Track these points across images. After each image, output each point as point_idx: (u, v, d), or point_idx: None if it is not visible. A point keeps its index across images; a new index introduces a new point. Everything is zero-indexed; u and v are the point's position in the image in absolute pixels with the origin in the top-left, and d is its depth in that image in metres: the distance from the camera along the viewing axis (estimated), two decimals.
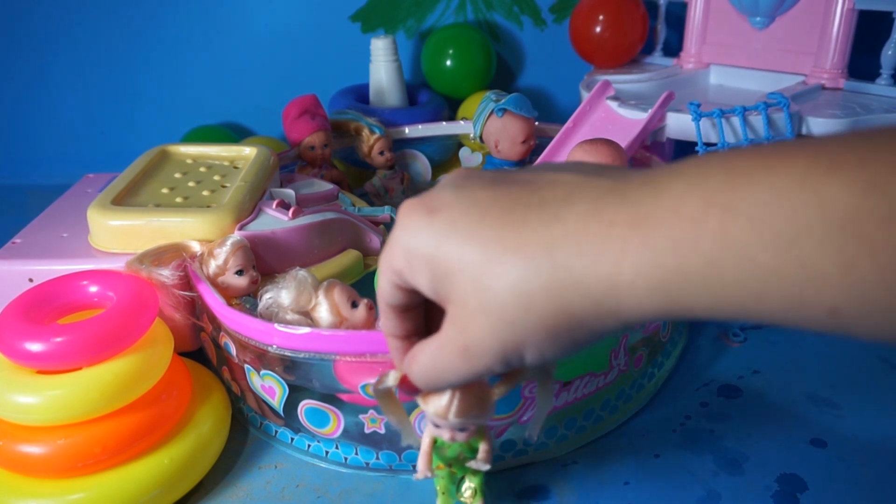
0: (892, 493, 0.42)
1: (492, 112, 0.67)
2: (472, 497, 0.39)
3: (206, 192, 0.56)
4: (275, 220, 0.53)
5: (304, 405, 0.45)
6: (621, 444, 0.47)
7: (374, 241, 0.59)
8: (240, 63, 0.97)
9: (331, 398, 0.44)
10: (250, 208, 0.54)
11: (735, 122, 0.62)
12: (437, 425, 0.34)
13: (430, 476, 0.37)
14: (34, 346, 0.40)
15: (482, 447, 0.36)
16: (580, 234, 0.23)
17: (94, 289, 0.46)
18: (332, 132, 0.73)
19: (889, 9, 0.67)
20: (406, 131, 0.78)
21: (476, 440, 0.36)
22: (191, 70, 0.97)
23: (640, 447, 0.47)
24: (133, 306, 0.43)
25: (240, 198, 0.53)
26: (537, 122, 0.70)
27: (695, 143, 0.63)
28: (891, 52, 0.69)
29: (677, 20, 0.86)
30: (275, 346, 0.42)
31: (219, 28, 0.95)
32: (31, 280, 0.51)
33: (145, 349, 0.43)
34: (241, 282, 0.48)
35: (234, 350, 0.46)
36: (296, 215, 0.54)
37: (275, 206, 0.54)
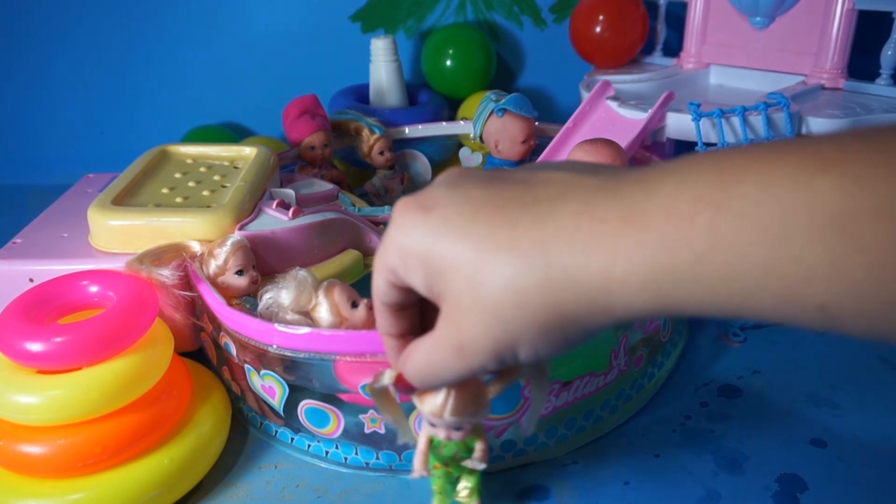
0: (892, 493, 0.42)
1: (492, 112, 0.67)
2: (468, 497, 0.39)
3: (206, 192, 0.56)
4: (275, 220, 0.53)
5: (304, 405, 0.45)
6: (621, 444, 0.47)
7: (374, 241, 0.59)
8: (240, 63, 0.97)
9: (331, 398, 0.44)
10: (250, 208, 0.54)
11: (735, 122, 0.62)
12: (432, 424, 0.34)
13: (427, 475, 0.37)
14: (34, 346, 0.40)
15: (478, 446, 0.36)
16: (572, 231, 0.23)
17: (94, 289, 0.46)
18: (332, 132, 0.73)
19: (889, 9, 0.67)
20: (406, 131, 0.78)
21: (472, 439, 0.36)
22: (191, 70, 0.97)
23: (640, 447, 0.47)
24: (133, 306, 0.43)
25: (240, 198, 0.53)
26: (537, 122, 0.70)
27: (695, 143, 0.63)
28: (891, 52, 0.69)
29: (677, 20, 0.86)
30: (275, 346, 0.42)
31: (219, 28, 0.95)
32: (31, 280, 0.51)
33: (145, 349, 0.43)
34: (241, 282, 0.48)
35: (234, 350, 0.46)
36: (296, 215, 0.54)
37: (275, 206, 0.54)
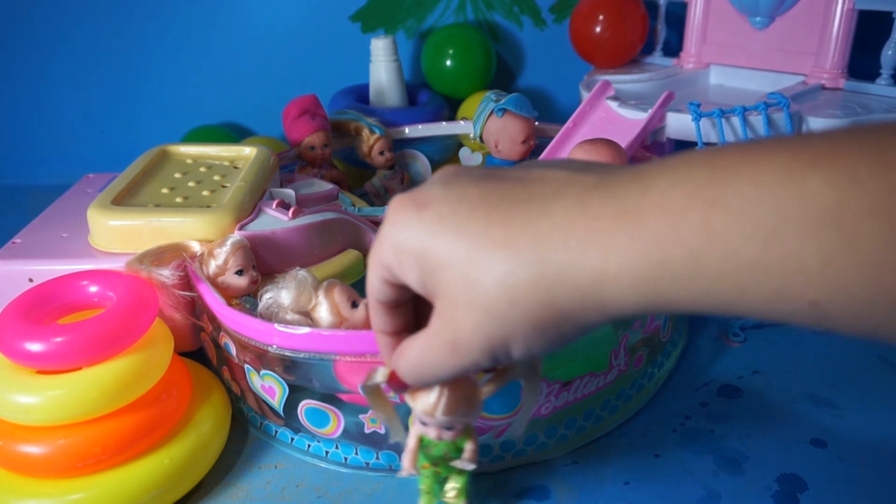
0: (892, 493, 0.42)
1: (492, 112, 0.67)
2: (455, 497, 0.39)
3: (206, 192, 0.56)
4: (275, 220, 0.53)
5: (304, 405, 0.45)
6: (621, 444, 0.47)
7: (374, 241, 0.59)
8: (240, 63, 0.97)
9: (331, 398, 0.44)
10: (250, 208, 0.54)
11: (735, 122, 0.62)
12: (424, 423, 0.34)
13: (415, 474, 0.37)
14: (34, 346, 0.40)
15: (468, 447, 0.36)
16: (567, 228, 0.23)
17: (94, 289, 0.46)
18: (332, 132, 0.73)
19: (889, 9, 0.67)
20: (406, 131, 0.78)
21: (462, 440, 0.36)
22: (191, 70, 0.97)
23: (640, 447, 0.47)
24: (133, 306, 0.43)
25: (240, 198, 0.53)
26: (537, 122, 0.70)
27: (695, 143, 0.63)
28: (891, 52, 0.69)
29: (677, 20, 0.86)
30: (275, 346, 0.42)
31: (219, 28, 0.95)
32: (31, 280, 0.51)
33: (145, 349, 0.43)
34: (241, 282, 0.48)
35: (234, 350, 0.46)
36: (296, 215, 0.54)
37: (275, 206, 0.54)
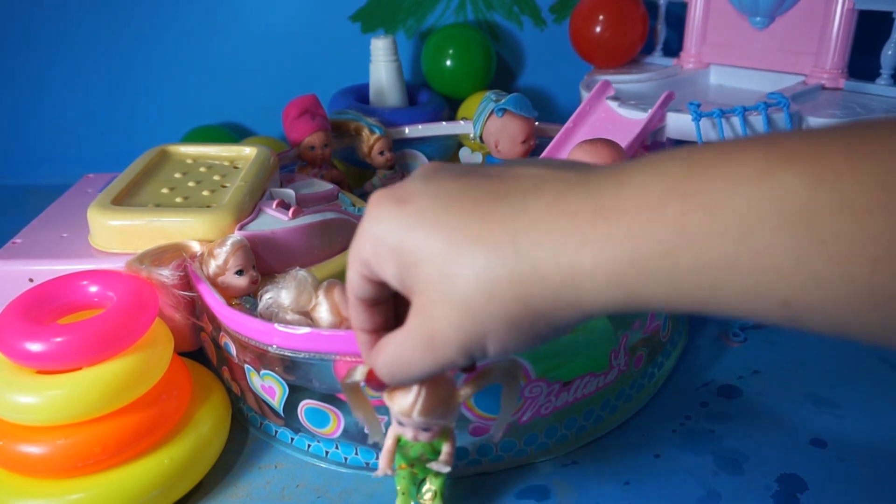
0: (892, 493, 0.42)
1: (492, 112, 0.67)
2: (431, 499, 0.39)
3: (206, 192, 0.56)
4: (275, 220, 0.53)
5: (304, 405, 0.45)
6: (621, 444, 0.47)
7: None
8: (240, 63, 0.97)
9: (331, 398, 0.44)
10: (250, 208, 0.54)
11: (735, 122, 0.62)
12: (401, 423, 0.34)
13: (391, 475, 0.37)
14: (34, 346, 0.40)
15: (445, 449, 0.36)
16: (544, 224, 0.23)
17: (94, 289, 0.46)
18: (332, 132, 0.73)
19: (889, 9, 0.67)
20: (406, 131, 0.78)
21: (439, 442, 0.36)
22: (191, 70, 0.97)
23: (640, 447, 0.47)
24: (133, 306, 0.43)
25: (240, 198, 0.53)
26: (537, 122, 0.70)
27: (695, 143, 0.63)
28: (891, 52, 0.69)
29: (677, 20, 0.86)
30: (275, 346, 0.42)
31: (219, 28, 0.95)
32: (31, 280, 0.51)
33: (145, 349, 0.43)
34: (241, 282, 0.48)
35: (234, 350, 0.46)
36: (296, 215, 0.54)
37: (275, 206, 0.54)
